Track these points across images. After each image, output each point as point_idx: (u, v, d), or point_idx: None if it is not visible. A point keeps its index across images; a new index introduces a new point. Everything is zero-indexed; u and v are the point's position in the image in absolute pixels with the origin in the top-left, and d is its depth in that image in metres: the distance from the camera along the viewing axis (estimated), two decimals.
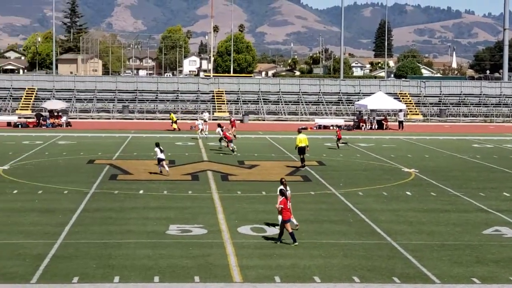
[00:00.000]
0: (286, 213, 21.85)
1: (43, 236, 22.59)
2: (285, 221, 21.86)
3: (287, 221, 21.88)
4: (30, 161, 41.49)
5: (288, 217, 21.90)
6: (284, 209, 21.85)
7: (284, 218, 21.87)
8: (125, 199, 29.37)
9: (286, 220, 21.86)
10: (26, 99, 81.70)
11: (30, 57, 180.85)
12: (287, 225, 21.86)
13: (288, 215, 21.88)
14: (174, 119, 66.65)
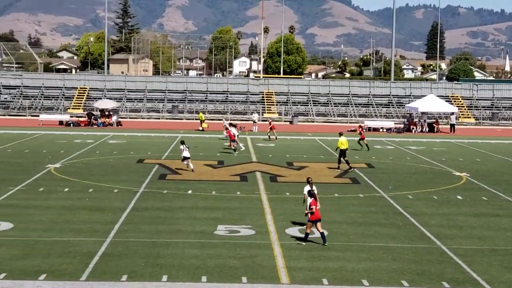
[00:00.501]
0: (316, 213, 21.94)
1: (93, 234, 22.81)
2: (311, 221, 22.00)
3: (314, 221, 21.98)
4: (81, 159, 41.96)
5: (316, 218, 21.94)
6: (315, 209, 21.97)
7: (311, 218, 21.97)
8: (174, 198, 29.52)
9: (312, 220, 21.98)
10: (78, 98, 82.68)
11: (82, 57, 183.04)
12: (317, 225, 21.96)
13: (317, 215, 21.97)
14: (202, 119, 66.77)
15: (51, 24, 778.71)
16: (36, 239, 21.97)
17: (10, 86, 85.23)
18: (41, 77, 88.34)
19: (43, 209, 26.54)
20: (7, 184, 31.90)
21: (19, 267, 18.92)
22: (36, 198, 28.90)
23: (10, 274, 18.24)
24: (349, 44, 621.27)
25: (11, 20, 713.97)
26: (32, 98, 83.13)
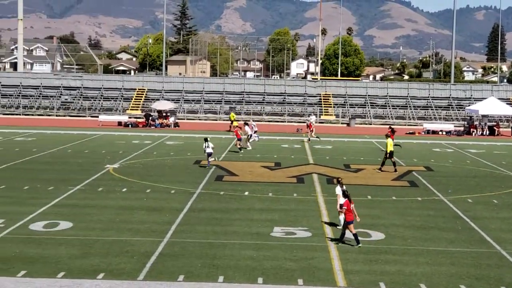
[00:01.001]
0: (349, 214, 21.94)
1: (150, 234, 22.97)
2: (348, 223, 21.92)
3: (350, 222, 21.90)
4: (139, 160, 42.35)
5: (351, 219, 21.90)
6: (347, 210, 21.97)
7: (347, 219, 21.93)
8: (231, 200, 29.58)
9: (349, 221, 21.90)
10: (136, 99, 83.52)
11: (141, 58, 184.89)
12: (350, 227, 21.91)
13: (351, 217, 21.90)
14: (233, 118, 66.88)
15: (111, 26, 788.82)
16: (94, 238, 22.23)
17: (70, 87, 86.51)
18: (100, 79, 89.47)
19: (101, 209, 26.84)
20: (67, 184, 32.36)
21: (77, 266, 19.16)
22: (95, 198, 29.24)
23: (69, 273, 18.48)
24: (408, 46, 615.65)
25: (72, 22, 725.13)
26: (92, 99, 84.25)
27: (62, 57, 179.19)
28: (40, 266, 19.05)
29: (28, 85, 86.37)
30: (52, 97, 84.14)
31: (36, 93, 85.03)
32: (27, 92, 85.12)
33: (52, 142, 51.29)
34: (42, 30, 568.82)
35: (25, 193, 30.01)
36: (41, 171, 36.39)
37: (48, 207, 26.99)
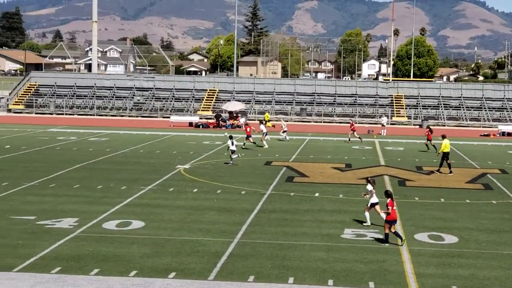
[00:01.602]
0: (393, 213, 22.00)
1: (221, 234, 23.06)
2: (390, 222, 22.04)
3: (393, 221, 22.01)
4: (209, 161, 42.58)
5: (394, 218, 22.01)
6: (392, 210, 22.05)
7: (387, 218, 22.04)
8: (301, 201, 29.49)
9: (389, 220, 22.02)
10: (207, 100, 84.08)
11: (212, 59, 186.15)
12: (386, 225, 22.11)
13: (394, 216, 22.01)
14: (267, 118, 66.60)
15: (183, 27, 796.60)
16: (166, 237, 22.42)
17: (143, 88, 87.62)
18: (172, 79, 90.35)
19: (173, 209, 27.07)
20: (139, 184, 32.75)
21: (149, 265, 19.34)
22: (167, 198, 29.51)
23: (140, 272, 18.67)
24: (482, 47, 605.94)
25: (145, 24, 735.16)
26: (164, 100, 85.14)
27: (135, 58, 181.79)
28: (113, 264, 19.30)
29: (102, 86, 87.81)
30: (125, 98, 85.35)
31: (109, 94, 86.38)
32: (101, 93, 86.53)
33: (125, 143, 52.01)
34: (116, 32, 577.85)
35: (99, 192, 30.48)
36: (114, 171, 36.92)
37: (121, 207, 27.36)
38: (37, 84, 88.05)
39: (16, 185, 31.50)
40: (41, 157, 42.07)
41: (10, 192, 29.79)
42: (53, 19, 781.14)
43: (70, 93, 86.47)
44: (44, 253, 20.27)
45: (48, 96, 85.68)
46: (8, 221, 24.24)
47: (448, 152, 39.23)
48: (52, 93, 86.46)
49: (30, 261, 19.37)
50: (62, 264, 19.16)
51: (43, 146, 48.38)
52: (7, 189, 30.46)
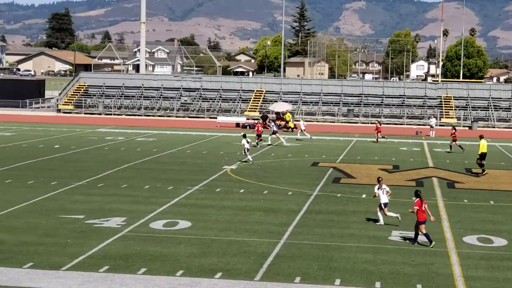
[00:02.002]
0: (421, 214, 22.01)
1: (267, 235, 23.04)
2: (420, 223, 22.04)
3: (422, 222, 22.00)
4: (256, 161, 42.58)
5: (423, 219, 22.01)
6: (419, 211, 22.03)
7: (419, 219, 22.06)
8: (348, 202, 29.34)
9: (420, 221, 22.01)
10: (254, 101, 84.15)
11: (259, 60, 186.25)
12: (421, 227, 22.04)
13: (423, 217, 22.01)
14: (288, 118, 66.64)
15: (230, 28, 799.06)
16: (212, 238, 22.47)
17: (190, 89, 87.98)
18: (219, 80, 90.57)
19: (219, 209, 27.12)
20: (186, 184, 32.89)
21: (196, 264, 19.40)
22: (213, 198, 29.58)
23: (187, 271, 18.73)
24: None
25: (192, 25, 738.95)
26: (211, 101, 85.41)
27: (182, 59, 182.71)
28: (160, 264, 19.39)
29: (149, 87, 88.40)
30: (172, 99, 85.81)
31: (157, 94, 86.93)
32: (149, 94, 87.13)
33: (172, 143, 52.29)
34: (163, 32, 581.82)
35: (146, 192, 30.68)
36: (161, 171, 37.13)
37: (168, 206, 27.50)
38: (86, 85, 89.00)
39: (65, 185, 31.86)
40: (89, 157, 42.51)
41: (59, 192, 30.15)
42: (102, 20, 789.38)
43: (118, 93, 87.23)
44: (92, 252, 20.46)
45: (96, 97, 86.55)
46: (57, 220, 24.52)
47: (485, 153, 38.64)
48: (101, 93, 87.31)
49: (78, 260, 19.56)
50: (110, 263, 19.31)
51: (92, 146, 48.88)
52: (57, 188, 30.83)
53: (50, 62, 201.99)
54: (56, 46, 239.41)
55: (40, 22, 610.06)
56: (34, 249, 20.63)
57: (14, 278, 17.83)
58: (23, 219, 24.61)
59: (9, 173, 35.15)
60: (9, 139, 51.42)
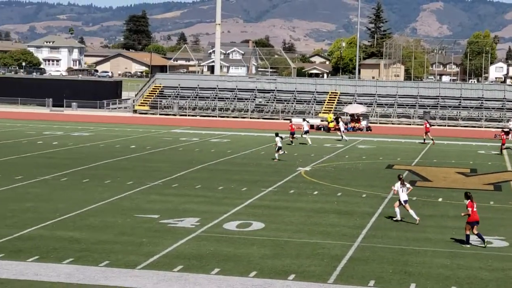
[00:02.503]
0: (472, 215, 22.10)
1: (341, 237, 22.88)
2: (469, 223, 22.13)
3: (472, 223, 22.11)
4: (330, 163, 42.39)
5: (474, 219, 22.12)
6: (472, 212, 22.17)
7: (468, 220, 22.15)
8: (423, 206, 28.92)
9: (470, 222, 22.11)
10: (328, 103, 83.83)
11: (333, 62, 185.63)
12: (467, 226, 22.18)
13: (473, 217, 22.11)
14: (330, 119, 66.39)
15: (305, 29, 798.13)
16: (286, 239, 22.42)
17: (264, 90, 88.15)
18: (294, 82, 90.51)
19: (293, 211, 27.07)
20: (259, 185, 32.93)
21: (269, 266, 19.38)
22: (287, 200, 29.54)
23: (260, 273, 18.72)
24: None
25: (267, 26, 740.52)
26: (285, 102, 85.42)
27: (257, 60, 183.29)
28: (233, 264, 19.44)
29: (224, 88, 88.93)
30: (246, 100, 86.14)
31: (231, 95, 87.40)
32: (223, 95, 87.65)
33: (246, 144, 52.45)
34: (238, 34, 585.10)
35: (220, 193, 30.83)
36: (235, 172, 37.27)
37: (241, 208, 27.57)
38: (161, 86, 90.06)
39: (141, 184, 32.26)
40: (164, 158, 42.97)
41: (135, 191, 30.54)
42: (178, 22, 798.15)
43: (193, 94, 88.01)
44: (167, 251, 20.64)
45: (172, 98, 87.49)
46: (132, 219, 24.84)
47: None
48: (176, 94, 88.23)
49: (153, 259, 19.76)
50: (184, 263, 19.45)
51: (167, 146, 49.41)
52: (132, 188, 31.24)
53: (127, 63, 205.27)
54: (133, 48, 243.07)
55: (117, 24, 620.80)
56: (110, 247, 20.94)
57: (91, 276, 18.12)
58: (99, 217, 25.01)
59: (87, 172, 35.80)
60: (87, 139, 52.39)
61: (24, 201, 27.68)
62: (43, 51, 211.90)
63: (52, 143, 49.14)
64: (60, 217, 24.82)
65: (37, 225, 23.49)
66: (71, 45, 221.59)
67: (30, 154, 42.61)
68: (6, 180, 32.51)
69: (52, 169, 36.23)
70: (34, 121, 68.12)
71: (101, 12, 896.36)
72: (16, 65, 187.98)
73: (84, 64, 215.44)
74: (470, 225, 22.09)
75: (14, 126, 61.80)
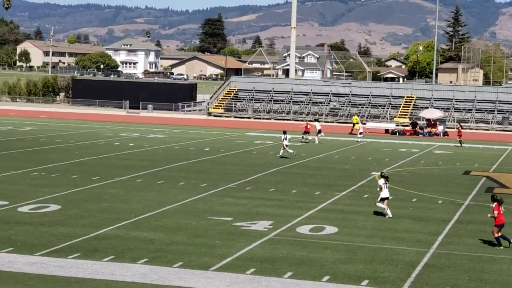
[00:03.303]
0: (499, 217, 22.37)
1: (415, 243, 22.57)
2: (496, 226, 22.35)
3: (499, 226, 22.31)
4: (405, 168, 41.91)
5: (500, 222, 22.34)
6: (499, 214, 22.41)
7: (496, 222, 22.38)
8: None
9: (497, 224, 22.34)
10: (404, 107, 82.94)
11: (410, 66, 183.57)
12: (495, 229, 22.38)
13: (500, 220, 22.36)
14: (355, 121, 65.93)
15: (381, 33, 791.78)
16: (359, 244, 22.23)
17: (339, 94, 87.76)
18: (369, 86, 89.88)
19: (367, 216, 26.84)
20: (333, 189, 32.76)
21: (342, 270, 19.24)
22: (361, 204, 29.31)
23: (333, 277, 18.60)
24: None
25: (343, 30, 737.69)
26: (360, 106, 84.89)
27: (332, 64, 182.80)
28: (306, 268, 19.35)
29: (298, 92, 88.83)
30: (321, 104, 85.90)
31: (306, 99, 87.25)
32: (298, 98, 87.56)
33: (320, 148, 52.28)
34: (313, 37, 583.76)
35: (293, 196, 30.78)
36: (308, 176, 37.17)
37: (315, 211, 27.46)
38: (236, 89, 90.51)
39: (214, 187, 32.44)
40: (238, 160, 43.14)
41: (208, 194, 30.73)
42: (254, 25, 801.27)
43: (267, 97, 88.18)
44: (240, 254, 20.69)
45: (246, 101, 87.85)
46: (206, 222, 24.98)
47: None
48: (251, 97, 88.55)
49: (226, 261, 19.83)
50: (257, 266, 19.46)
51: (241, 149, 49.60)
52: (206, 190, 31.43)
53: (202, 66, 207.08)
54: (208, 51, 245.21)
55: (193, 28, 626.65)
56: (184, 248, 21.09)
57: (164, 276, 18.28)
58: (174, 219, 25.23)
59: (162, 174, 36.19)
60: (162, 141, 52.99)
61: (100, 201, 28.14)
62: (121, 54, 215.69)
63: (128, 145, 49.89)
64: (135, 218, 25.15)
65: (113, 225, 23.84)
66: (147, 48, 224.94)
67: (107, 155, 43.34)
68: (84, 180, 33.11)
69: (128, 170, 36.76)
70: (111, 123, 69.29)
71: (177, 16, 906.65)
72: (94, 67, 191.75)
73: (160, 67, 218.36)
74: (498, 228, 22.29)
75: (92, 128, 62.98)
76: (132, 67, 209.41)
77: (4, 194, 28.80)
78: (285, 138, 44.32)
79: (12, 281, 17.48)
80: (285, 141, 44.16)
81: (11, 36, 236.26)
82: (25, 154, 42.41)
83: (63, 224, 23.77)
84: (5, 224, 23.49)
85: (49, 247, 20.71)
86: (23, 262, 19.09)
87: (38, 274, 18.07)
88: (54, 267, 18.73)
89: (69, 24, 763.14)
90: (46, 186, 31.29)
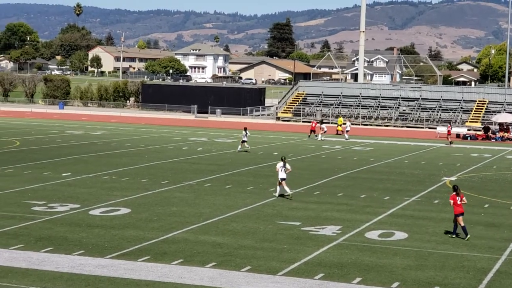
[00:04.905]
0: (456, 207, 23.55)
1: (487, 250, 22.17)
2: (456, 215, 23.55)
3: (458, 215, 23.49)
4: (477, 174, 41.22)
5: (458, 211, 23.53)
6: (454, 204, 23.61)
7: (455, 212, 23.65)
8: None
9: (456, 214, 23.54)
10: (476, 111, 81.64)
11: (482, 69, 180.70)
12: (458, 219, 23.48)
13: (458, 210, 23.54)
14: (340, 123, 68.23)
15: (452, 36, 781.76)
16: (430, 250, 21.93)
17: (408, 98, 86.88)
18: (439, 90, 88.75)
19: (437, 221, 26.47)
20: (403, 195, 32.42)
21: (412, 277, 19.00)
22: (431, 210, 28.94)
23: (403, 284, 18.38)
24: None
25: (413, 33, 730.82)
26: (430, 111, 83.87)
27: (402, 68, 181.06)
28: (375, 274, 19.17)
29: (367, 96, 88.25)
30: (390, 108, 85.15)
31: (375, 103, 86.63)
32: (366, 103, 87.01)
33: (389, 152, 51.81)
34: (383, 41, 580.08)
35: (362, 201, 30.55)
36: (377, 181, 36.86)
37: (384, 217, 27.20)
38: (304, 93, 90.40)
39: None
40: (306, 165, 43.03)
41: (277, 198, 30.69)
42: (322, 29, 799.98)
43: (336, 102, 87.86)
44: (308, 258, 20.61)
45: (315, 105, 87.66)
46: (274, 226, 24.96)
47: None
48: (319, 102, 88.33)
49: (294, 266, 19.78)
50: (325, 271, 19.35)
51: (309, 154, 49.48)
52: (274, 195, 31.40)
53: (271, 70, 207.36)
54: (277, 55, 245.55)
55: (262, 32, 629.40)
56: (252, 253, 21.11)
57: (233, 280, 18.32)
58: (242, 223, 25.29)
59: (230, 178, 36.33)
60: (231, 146, 53.19)
61: (170, 205, 28.39)
62: (190, 59, 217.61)
63: (196, 149, 50.25)
64: (204, 222, 25.29)
65: (181, 229, 24.02)
66: (216, 53, 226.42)
67: (176, 160, 43.73)
68: (153, 184, 33.47)
69: (196, 175, 37.01)
70: (180, 127, 69.93)
71: (246, 20, 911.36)
72: (163, 72, 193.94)
73: (228, 71, 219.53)
74: (457, 217, 23.60)
75: (161, 132, 63.66)
76: (201, 72, 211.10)
77: (76, 198, 29.32)
78: (245, 134, 48.65)
79: (84, 283, 17.75)
80: (244, 137, 48.56)
81: (83, 42, 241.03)
82: (97, 158, 43.12)
83: (133, 227, 24.06)
84: (77, 227, 23.89)
85: (119, 250, 20.98)
86: (94, 265, 19.37)
87: (109, 277, 18.32)
88: (124, 270, 18.95)
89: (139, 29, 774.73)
90: (116, 189, 31.74)
